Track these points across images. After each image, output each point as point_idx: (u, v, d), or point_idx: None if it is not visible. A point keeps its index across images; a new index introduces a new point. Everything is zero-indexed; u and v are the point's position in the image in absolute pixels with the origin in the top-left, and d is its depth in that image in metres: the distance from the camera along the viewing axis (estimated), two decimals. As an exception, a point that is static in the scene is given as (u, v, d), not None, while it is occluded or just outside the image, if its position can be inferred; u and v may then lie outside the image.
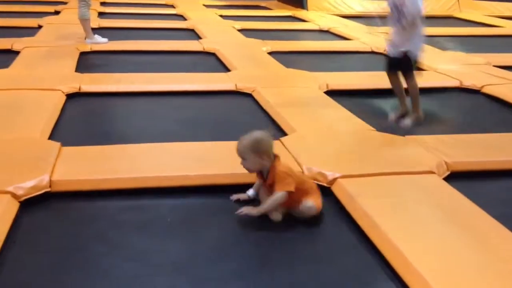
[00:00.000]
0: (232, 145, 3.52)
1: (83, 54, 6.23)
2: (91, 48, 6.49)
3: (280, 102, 4.56)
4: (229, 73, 5.65)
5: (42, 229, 2.63)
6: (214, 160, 3.30)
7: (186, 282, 2.26)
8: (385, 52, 7.00)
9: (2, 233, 2.47)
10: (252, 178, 3.03)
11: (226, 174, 3.13)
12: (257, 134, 2.75)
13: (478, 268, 2.30)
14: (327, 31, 8.88)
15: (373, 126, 4.02)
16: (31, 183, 2.84)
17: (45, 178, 2.90)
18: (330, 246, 2.60)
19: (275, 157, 2.76)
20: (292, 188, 2.67)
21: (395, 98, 4.53)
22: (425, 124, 4.31)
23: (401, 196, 2.93)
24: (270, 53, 6.72)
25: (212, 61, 6.38)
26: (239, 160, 2.95)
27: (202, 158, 3.32)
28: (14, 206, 2.71)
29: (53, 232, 2.61)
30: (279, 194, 2.67)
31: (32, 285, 2.18)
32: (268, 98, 4.66)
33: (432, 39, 7.96)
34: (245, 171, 2.84)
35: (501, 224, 2.65)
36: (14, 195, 2.75)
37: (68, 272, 2.28)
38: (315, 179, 3.14)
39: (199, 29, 8.17)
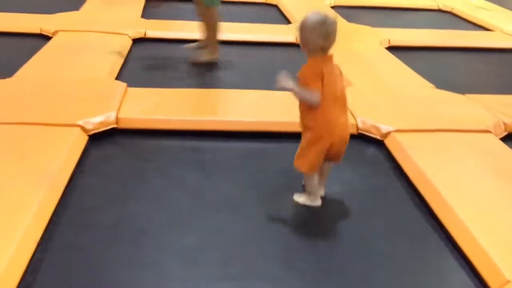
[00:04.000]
0: (287, 95, 3.60)
1: (149, 1, 6.37)
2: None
3: (339, 55, 4.45)
4: (290, 25, 5.65)
5: (108, 162, 2.82)
6: (270, 108, 3.39)
7: (238, 219, 2.39)
8: (451, 11, 6.82)
9: (73, 163, 2.67)
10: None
11: (280, 122, 3.22)
12: (322, 16, 2.32)
13: (526, 225, 2.32)
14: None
15: (433, 83, 3.99)
16: (99, 119, 3.02)
17: (112, 115, 3.08)
18: (379, 199, 2.66)
19: (325, 55, 2.32)
20: (314, 85, 2.25)
21: (459, 57, 4.43)
22: (487, 83, 4.23)
23: (454, 153, 2.94)
24: (333, 7, 6.65)
25: (274, 13, 6.38)
26: (290, 109, 2.98)
27: (259, 105, 3.42)
28: (84, 139, 2.90)
29: (118, 164, 2.79)
30: (311, 93, 2.27)
31: (98, 209, 2.37)
32: (328, 52, 4.65)
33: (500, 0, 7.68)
34: (296, 119, 2.86)
35: (555, 186, 2.63)
36: (83, 129, 2.94)
37: (130, 200, 2.46)
38: (369, 132, 3.19)
39: (263, -20, 8.13)
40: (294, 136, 3.10)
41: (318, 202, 2.51)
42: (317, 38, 2.28)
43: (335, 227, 2.40)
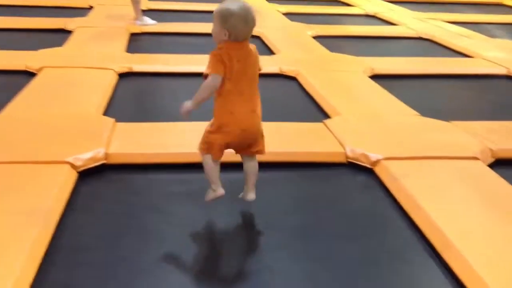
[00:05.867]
0: (275, 126, 3.64)
1: (133, 35, 6.41)
2: (140, 30, 6.67)
3: (324, 85, 4.62)
4: (273, 56, 5.72)
5: (98, 198, 2.79)
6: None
7: (232, 250, 2.38)
8: (431, 38, 6.96)
9: (63, 200, 2.64)
10: (298, 157, 3.15)
11: (268, 152, 3.21)
12: (240, 4, 2.31)
13: (518, 250, 2.34)
14: (373, 16, 8.82)
15: (418, 111, 4.04)
16: (88, 155, 3.00)
17: (101, 151, 3.07)
18: (371, 225, 2.67)
19: (234, 42, 2.30)
20: (215, 70, 2.26)
21: (442, 84, 4.52)
22: (471, 109, 4.30)
23: (444, 180, 2.97)
24: (315, 37, 6.75)
25: (257, 44, 6.39)
26: (281, 139, 2.99)
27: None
28: (73, 176, 2.87)
29: (109, 200, 2.77)
30: (204, 82, 2.33)
31: (90, 248, 2.34)
32: (312, 82, 4.72)
33: (480, 26, 7.87)
34: (287, 149, 2.87)
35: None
36: (73, 166, 2.91)
37: (122, 236, 2.43)
38: (358, 160, 3.22)
39: (245, 13, 8.23)
40: (286, 166, 3.14)
41: (220, 191, 2.51)
42: (221, 29, 2.32)
43: (328, 251, 2.39)
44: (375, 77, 5.00)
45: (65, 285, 2.09)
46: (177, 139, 3.36)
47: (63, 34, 6.23)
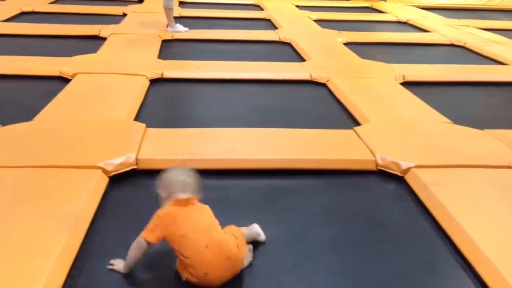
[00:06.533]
0: (304, 133, 3.63)
1: (165, 42, 6.48)
2: (172, 37, 6.74)
3: (354, 92, 4.59)
4: (304, 63, 5.71)
5: (128, 203, 2.83)
6: (286, 145, 3.40)
7: (257, 261, 2.36)
8: (464, 45, 6.86)
9: (94, 205, 2.68)
10: (327, 164, 3.14)
11: (297, 159, 3.24)
12: (171, 171, 2.35)
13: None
14: (405, 23, 8.74)
15: (450, 119, 3.98)
16: (119, 160, 3.05)
17: (132, 156, 3.10)
18: (401, 235, 2.63)
19: (177, 201, 2.22)
20: (149, 237, 2.15)
21: (475, 92, 4.44)
22: (504, 118, 4.21)
23: (476, 189, 2.92)
24: (345, 44, 6.72)
25: (288, 51, 6.46)
26: (310, 146, 2.98)
27: (275, 143, 3.43)
28: (104, 181, 2.91)
29: (138, 206, 2.79)
30: (137, 238, 2.20)
31: (119, 254, 2.35)
32: (342, 88, 4.69)
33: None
34: (316, 156, 2.85)
35: None
36: (104, 171, 2.96)
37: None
38: (388, 168, 3.18)
39: (276, 19, 8.27)
40: (315, 173, 3.13)
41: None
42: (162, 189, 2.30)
43: (357, 263, 2.37)
44: (407, 84, 4.95)
45: (95, 289, 2.12)
46: (207, 145, 3.38)
47: (97, 40, 6.34)
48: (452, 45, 7.04)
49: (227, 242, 2.18)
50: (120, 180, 3.00)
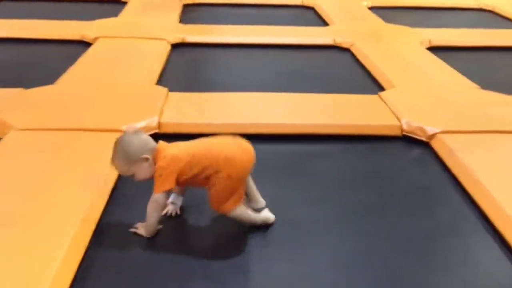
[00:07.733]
0: (328, 98, 3.58)
1: (185, 6, 6.42)
2: (194, 1, 6.65)
3: (379, 57, 4.50)
4: (327, 27, 5.61)
5: (151, 166, 2.82)
6: (310, 111, 3.36)
7: (280, 223, 2.34)
8: (493, 9, 6.66)
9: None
10: (352, 129, 3.09)
11: (321, 124, 3.20)
12: (118, 142, 2.18)
13: None
14: (431, -14, 8.51)
15: (478, 84, 3.88)
16: (142, 124, 3.02)
17: (154, 120, 3.09)
18: (426, 199, 2.60)
19: (156, 151, 2.16)
20: (165, 186, 2.11)
21: (503, 57, 4.32)
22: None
23: (504, 155, 2.85)
24: (370, 8, 6.57)
25: (311, 15, 6.35)
26: (335, 111, 2.90)
27: (299, 108, 3.38)
28: (127, 144, 2.91)
29: (161, 169, 2.78)
30: (151, 199, 2.15)
31: (143, 216, 2.36)
32: (367, 53, 4.60)
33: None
34: (341, 121, 2.79)
35: None
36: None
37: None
38: (414, 134, 3.13)
39: (298, -17, 8.10)
40: (340, 138, 3.09)
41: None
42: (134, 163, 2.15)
43: (382, 226, 2.35)
44: (433, 49, 4.83)
45: (119, 251, 2.14)
46: (229, 109, 3.35)
47: (118, 5, 6.29)
48: (480, 9, 6.85)
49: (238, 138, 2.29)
50: (142, 144, 2.99)
